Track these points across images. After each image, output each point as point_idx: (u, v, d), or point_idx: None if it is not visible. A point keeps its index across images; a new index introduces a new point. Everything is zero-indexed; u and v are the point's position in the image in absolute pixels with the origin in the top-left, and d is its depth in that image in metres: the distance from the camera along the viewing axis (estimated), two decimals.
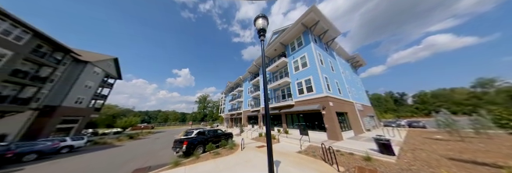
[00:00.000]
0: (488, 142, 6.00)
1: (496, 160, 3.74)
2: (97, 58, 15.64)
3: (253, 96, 17.07)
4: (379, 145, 4.58)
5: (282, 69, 13.06)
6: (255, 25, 2.65)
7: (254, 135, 10.30)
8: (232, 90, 27.74)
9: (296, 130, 9.17)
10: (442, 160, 3.94)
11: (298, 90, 10.03)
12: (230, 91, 28.74)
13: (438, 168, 3.35)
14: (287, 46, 12.85)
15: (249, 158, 5.09)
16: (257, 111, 15.08)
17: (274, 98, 12.55)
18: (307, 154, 5.07)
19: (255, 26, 2.66)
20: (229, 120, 24.60)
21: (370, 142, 5.92)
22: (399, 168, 3.44)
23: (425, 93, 42.26)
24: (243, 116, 19.17)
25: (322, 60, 10.30)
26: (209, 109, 59.15)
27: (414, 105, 42.32)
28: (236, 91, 23.94)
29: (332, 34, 11.76)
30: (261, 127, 13.06)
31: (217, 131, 8.39)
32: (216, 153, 5.86)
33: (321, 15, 9.81)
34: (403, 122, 16.09)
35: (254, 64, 17.28)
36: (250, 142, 8.12)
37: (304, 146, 6.05)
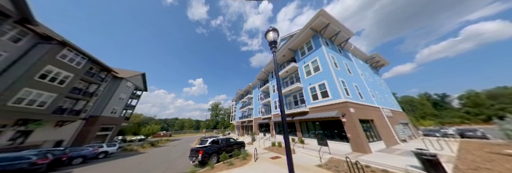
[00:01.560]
0: None
1: None
2: (129, 74, 18.59)
3: (263, 103, 16.85)
4: (422, 161, 3.73)
5: (293, 74, 12.83)
6: (266, 38, 2.82)
7: (267, 145, 9.76)
8: (243, 97, 28.11)
9: (312, 140, 8.36)
10: None
11: (312, 95, 9.51)
12: (240, 98, 29.15)
13: None
14: (296, 51, 12.83)
15: (263, 171, 4.78)
16: (268, 119, 14.61)
17: (285, 105, 12.09)
18: (328, 169, 4.44)
19: (266, 39, 2.83)
20: (241, 127, 24.30)
21: (408, 157, 4.88)
22: None
23: (477, 93, 33.90)
24: (254, 123, 18.76)
25: (336, 63, 9.76)
26: (221, 116, 60.28)
27: (462, 109, 33.88)
28: (246, 98, 24.14)
29: (344, 35, 11.24)
30: (274, 135, 12.40)
31: (229, 139, 8.30)
32: (230, 163, 5.70)
33: (330, 18, 9.63)
34: (450, 131, 12.89)
35: (263, 71, 17.53)
36: (263, 153, 7.68)
37: (324, 159, 5.37)
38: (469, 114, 32.09)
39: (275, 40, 2.73)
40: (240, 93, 29.63)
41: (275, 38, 2.72)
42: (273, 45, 2.71)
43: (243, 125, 22.81)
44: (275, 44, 2.72)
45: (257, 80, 20.83)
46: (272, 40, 2.70)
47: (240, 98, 29.65)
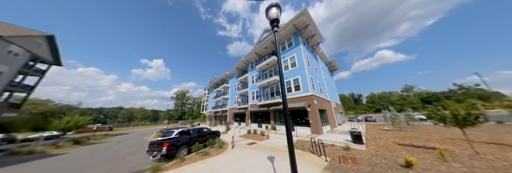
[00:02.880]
0: (415, 131, 8.33)
1: (424, 144, 5.29)
2: (17, 32, 11.23)
3: (240, 93, 16.88)
4: (353, 136, 5.56)
5: (272, 68, 13.41)
6: (267, 14, 2.48)
7: (242, 133, 10.37)
8: (217, 86, 26.49)
9: (282, 126, 9.84)
10: (394, 145, 5.24)
11: (287, 88, 10.64)
12: (215, 87, 27.36)
13: (395, 152, 4.45)
14: (279, 45, 13.18)
15: (242, 156, 5.06)
16: (244, 109, 15.11)
17: (263, 96, 12.85)
18: (296, 148, 5.58)
19: (267, 17, 2.49)
20: (213, 118, 23.63)
21: (344, 135, 7.09)
22: (369, 154, 4.33)
23: (374, 94, 54.55)
24: (228, 113, 18.80)
25: (309, 62, 11.22)
26: (189, 106, 54.52)
27: (366, 104, 53.28)
28: (221, 88, 22.98)
29: (317, 39, 12.90)
30: (249, 124, 13.26)
31: (203, 129, 7.93)
32: (205, 153, 5.51)
33: (310, 20, 10.50)
34: (360, 117, 19.83)
35: (243, 60, 16.90)
36: (240, 140, 8.08)
37: None
38: (369, 107, 50.73)
39: (278, 19, 2.42)
40: (214, 81, 27.50)
41: (277, 16, 2.40)
42: (275, 24, 2.42)
43: (217, 115, 22.21)
44: (277, 22, 2.43)
45: (235, 69, 19.96)
46: (274, 18, 2.39)
47: (215, 87, 27.76)
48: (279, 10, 2.48)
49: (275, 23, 2.45)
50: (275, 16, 2.42)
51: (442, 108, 4.84)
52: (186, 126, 18.40)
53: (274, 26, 2.46)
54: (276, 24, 2.46)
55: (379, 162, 3.74)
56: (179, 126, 16.84)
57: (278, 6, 2.48)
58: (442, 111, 4.70)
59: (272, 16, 2.44)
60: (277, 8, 2.46)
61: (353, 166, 3.62)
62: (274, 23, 2.45)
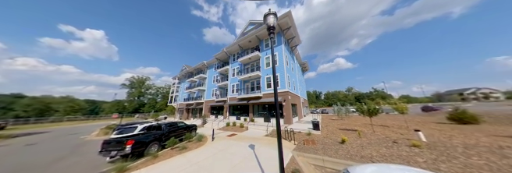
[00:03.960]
0: (349, 120, 11.80)
1: (352, 128, 7.78)
2: None
3: (219, 85, 16.26)
4: (313, 125, 7.22)
5: (255, 63, 13.62)
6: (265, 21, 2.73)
7: (221, 126, 10.51)
8: (191, 75, 23.85)
9: (260, 118, 10.84)
10: (337, 130, 7.36)
11: (266, 84, 11.42)
12: (188, 77, 24.46)
13: (336, 134, 6.34)
14: (262, 41, 13.31)
15: (224, 147, 5.31)
16: (222, 102, 14.93)
17: (243, 89, 13.14)
18: (272, 136, 6.56)
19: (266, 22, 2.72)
20: (185, 111, 21.72)
21: (307, 124, 8.95)
22: (322, 137, 5.95)
23: (329, 92, 70.05)
24: (204, 106, 17.92)
25: (288, 61, 12.38)
26: (150, 97, 45.96)
27: (324, 100, 67.19)
28: (196, 78, 20.94)
29: (296, 41, 14.18)
30: (227, 117, 13.46)
31: (177, 124, 7.43)
32: (182, 147, 5.32)
33: (292, 23, 11.29)
34: (318, 110, 25.26)
35: (225, 51, 15.90)
36: (219, 133, 8.24)
37: (268, 131, 7.61)
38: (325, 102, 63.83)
39: (274, 26, 2.72)
40: (187, 70, 24.38)
41: (274, 24, 2.68)
42: (272, 31, 2.71)
43: (190, 107, 20.50)
44: (273, 29, 2.72)
45: (214, 60, 18.50)
46: (272, 26, 2.68)
47: (188, 77, 24.76)
48: (275, 18, 2.72)
49: (272, 30, 2.72)
50: (272, 24, 2.67)
51: (364, 104, 7.22)
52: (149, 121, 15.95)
53: (270, 32, 2.73)
54: (273, 31, 2.74)
55: (328, 141, 5.28)
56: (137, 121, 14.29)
57: (275, 14, 2.71)
58: (363, 106, 7.06)
59: (269, 24, 2.68)
60: (274, 16, 2.69)
61: (312, 146, 4.92)
62: (271, 30, 2.72)
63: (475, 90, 46.11)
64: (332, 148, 4.58)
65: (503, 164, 2.99)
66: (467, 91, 46.50)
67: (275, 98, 2.37)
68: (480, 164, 3.03)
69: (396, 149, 4.20)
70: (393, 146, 4.42)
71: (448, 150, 3.88)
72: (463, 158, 3.36)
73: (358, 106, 7.29)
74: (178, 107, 24.69)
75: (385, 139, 5.23)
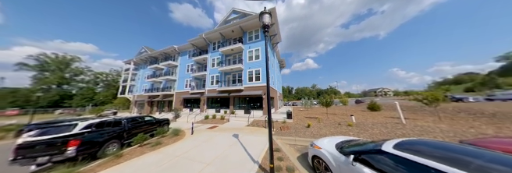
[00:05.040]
0: (312, 110, 14.79)
1: (314, 116, 9.99)
2: None
3: (195, 75, 14.71)
4: (287, 115, 8.61)
5: (237, 55, 13.26)
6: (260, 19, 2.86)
7: (198, 119, 9.99)
8: (156, 61, 19.69)
9: (240, 111, 11.27)
10: (304, 118, 9.22)
11: (249, 77, 11.69)
12: (151, 63, 19.97)
13: (304, 121, 7.98)
14: (245, 33, 12.94)
15: (206, 139, 5.28)
16: (199, 94, 13.85)
17: (224, 82, 12.74)
18: (253, 126, 7.25)
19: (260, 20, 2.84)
20: (147, 103, 18.25)
21: (282, 114, 10.44)
22: (294, 123, 7.34)
23: (299, 88, 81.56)
24: (175, 99, 15.84)
25: (269, 57, 13.02)
26: (82, 85, 33.68)
27: (294, 94, 77.41)
28: (163, 65, 17.60)
29: (277, 39, 14.83)
30: (205, 111, 12.84)
31: (144, 118, 6.52)
32: (156, 143, 4.80)
33: (276, 20, 11.54)
34: (290, 103, 29.66)
35: (204, 37, 14.11)
36: (197, 126, 7.94)
37: (249, 122, 8.25)
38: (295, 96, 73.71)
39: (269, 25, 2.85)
40: (149, 54, 19.74)
41: (268, 23, 2.81)
42: (266, 29, 2.85)
43: (154, 100, 17.33)
44: (268, 28, 2.88)
45: (189, 45, 16.04)
46: (266, 24, 2.81)
47: (151, 63, 20.15)
48: (270, 17, 2.88)
49: (267, 29, 2.90)
50: (266, 23, 2.83)
51: (323, 98, 9.45)
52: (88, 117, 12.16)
53: (265, 31, 2.91)
54: (267, 30, 2.92)
55: (298, 126, 6.65)
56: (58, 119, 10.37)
57: (270, 13, 2.87)
58: (323, 100, 9.26)
59: (264, 22, 2.83)
60: (268, 15, 2.84)
61: (286, 131, 6.05)
62: (265, 29, 2.89)
63: (381, 89, 71.48)
64: (301, 131, 5.89)
65: (386, 131, 5.26)
66: (377, 90, 72.40)
67: (267, 91, 2.79)
68: (376, 132, 5.22)
69: (340, 128, 6.06)
70: (338, 127, 6.31)
71: (364, 126, 6.11)
72: (370, 130, 5.51)
73: (320, 99, 9.41)
74: (136, 100, 20.23)
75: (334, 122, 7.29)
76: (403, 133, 4.95)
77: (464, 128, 5.56)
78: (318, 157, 2.51)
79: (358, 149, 2.06)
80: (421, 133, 4.81)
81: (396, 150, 1.59)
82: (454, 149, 1.50)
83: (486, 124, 6.18)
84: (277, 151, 3.86)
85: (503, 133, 4.81)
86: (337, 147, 2.40)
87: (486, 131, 5.08)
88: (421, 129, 5.20)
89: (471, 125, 6.04)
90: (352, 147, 2.22)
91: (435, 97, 7.35)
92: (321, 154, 2.43)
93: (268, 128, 2.67)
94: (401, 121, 6.42)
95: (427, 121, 6.92)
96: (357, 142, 2.49)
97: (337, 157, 2.14)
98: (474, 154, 1.34)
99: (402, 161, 1.44)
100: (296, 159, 3.53)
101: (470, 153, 1.38)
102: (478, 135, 4.44)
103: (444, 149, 1.50)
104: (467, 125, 6.06)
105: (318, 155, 2.49)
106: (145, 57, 20.29)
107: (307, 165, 3.10)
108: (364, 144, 2.21)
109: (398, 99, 27.06)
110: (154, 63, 19.21)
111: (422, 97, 7.67)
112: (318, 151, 2.53)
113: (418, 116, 8.75)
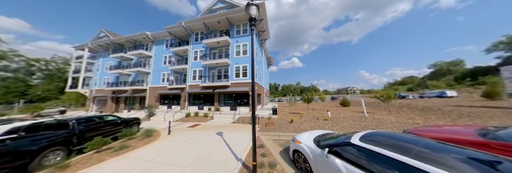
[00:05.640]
0: (295, 106, 15.87)
1: (297, 111, 10.74)
2: None
3: (174, 69, 13.13)
4: (273, 111, 8.91)
5: (224, 49, 12.45)
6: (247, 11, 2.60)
7: (178, 117, 9.07)
8: (122, 49, 16.46)
9: (226, 107, 10.91)
10: (288, 113, 9.77)
11: (235, 73, 11.28)
12: (115, 51, 16.51)
13: (288, 116, 8.46)
14: (233, 26, 12.15)
15: (187, 138, 4.87)
16: (179, 89, 12.53)
17: (208, 77, 11.87)
18: (239, 123, 7.18)
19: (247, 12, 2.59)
20: (111, 100, 15.36)
21: (268, 110, 10.72)
22: (278, 119, 7.68)
23: (285, 85, 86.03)
24: (149, 94, 13.88)
25: (257, 53, 12.83)
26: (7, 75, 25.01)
27: (280, 91, 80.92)
28: (132, 54, 14.89)
29: (265, 35, 14.73)
30: (187, 108, 11.80)
31: (103, 117, 5.49)
32: (122, 147, 4.06)
33: (265, 15, 11.32)
34: (276, 99, 31.62)
35: (184, 25, 12.47)
36: (177, 124, 7.28)
37: (235, 119, 8.11)
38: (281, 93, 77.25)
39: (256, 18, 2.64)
40: (111, 40, 16.20)
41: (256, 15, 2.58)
42: (253, 22, 2.63)
43: (120, 95, 14.69)
44: (255, 21, 2.68)
45: (166, 33, 13.93)
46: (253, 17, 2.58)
47: (115, 51, 16.63)
48: (257, 10, 2.62)
49: (253, 22, 2.66)
50: (254, 16, 2.60)
51: (305, 95, 10.22)
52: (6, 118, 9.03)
53: (252, 24, 2.67)
54: (254, 23, 2.68)
55: (282, 122, 7.00)
56: None
57: (257, 6, 2.61)
58: (305, 96, 10.00)
59: (250, 14, 2.59)
60: (256, 8, 2.59)
61: (271, 127, 6.27)
62: (252, 22, 2.65)
63: (351, 88, 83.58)
64: (285, 126, 6.22)
65: (353, 123, 6.20)
66: (348, 88, 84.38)
67: (252, 87, 2.70)
68: (346, 125, 6.07)
69: (318, 122, 6.73)
70: (317, 121, 6.99)
71: (337, 120, 7.00)
72: (342, 123, 6.36)
73: (302, 96, 10.11)
74: (95, 96, 16.70)
75: (314, 117, 8.04)
76: (365, 125, 5.91)
77: (405, 119, 7.09)
78: (298, 151, 2.66)
79: (332, 142, 2.23)
80: (378, 124, 5.87)
81: (361, 141, 1.79)
82: (400, 138, 1.82)
83: (418, 115, 8.08)
84: (261, 147, 3.92)
85: (428, 122, 6.39)
86: (315, 141, 2.59)
87: (418, 121, 6.61)
88: (377, 121, 6.32)
89: (409, 117, 7.77)
90: (327, 141, 2.43)
91: (388, 95, 9.03)
92: (301, 148, 2.58)
93: (252, 126, 2.61)
94: (364, 115, 7.63)
95: (381, 115, 8.49)
96: (331, 136, 2.72)
97: (314, 150, 2.30)
98: (413, 142, 1.66)
99: (365, 151, 1.65)
100: (278, 154, 3.66)
101: (410, 141, 1.71)
102: (414, 124, 5.75)
103: (393, 138, 1.81)
104: (407, 117, 7.77)
105: (299, 149, 2.64)
106: (106, 43, 16.52)
107: (288, 159, 3.26)
108: (336, 137, 2.42)
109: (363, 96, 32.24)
110: (119, 51, 15.97)
111: (379, 95, 9.26)
112: (298, 146, 2.68)
113: (376, 110, 10.64)
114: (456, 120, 6.63)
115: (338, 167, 1.74)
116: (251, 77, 2.75)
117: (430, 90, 25.41)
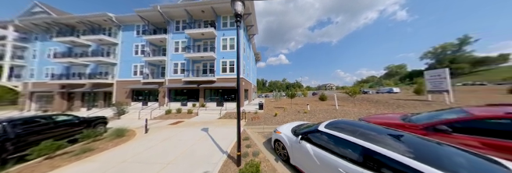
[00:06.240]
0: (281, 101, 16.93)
1: (282, 106, 11.54)
2: None
3: (149, 60, 11.48)
4: (259, 106, 9.29)
5: (209, 41, 11.64)
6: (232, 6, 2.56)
7: (156, 115, 8.26)
8: (71, 32, 13.08)
9: (211, 103, 10.56)
10: (273, 108, 10.38)
11: (222, 68, 10.88)
12: (59, 33, 12.86)
13: (273, 111, 9.00)
14: (219, 18, 11.37)
15: (167, 136, 4.51)
16: (157, 84, 11.18)
17: (192, 71, 11.01)
18: (225, 118, 7.19)
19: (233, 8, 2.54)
20: (59, 96, 12.26)
21: (255, 105, 11.06)
22: (264, 113, 8.11)
23: (271, 81, 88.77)
24: (117, 89, 11.80)
25: (245, 49, 12.62)
26: None
27: (267, 86, 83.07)
28: (88, 39, 12.06)
29: (253, 30, 14.52)
30: (166, 104, 10.73)
31: (54, 117, 4.56)
32: (84, 150, 3.51)
33: (253, 10, 11.01)
34: (263, 95, 31.69)
35: (160, 11, 10.77)
36: (155, 122, 6.69)
37: (222, 114, 8.04)
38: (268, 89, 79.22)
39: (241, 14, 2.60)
40: (53, 18, 12.52)
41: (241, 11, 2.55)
42: (239, 19, 2.60)
43: (74, 90, 11.85)
44: (240, 17, 2.62)
45: (136, 17, 11.75)
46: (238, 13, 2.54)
47: (58, 33, 12.90)
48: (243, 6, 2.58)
49: (239, 18, 2.64)
50: (239, 12, 2.56)
51: (289, 91, 11.05)
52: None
53: (237, 20, 2.65)
54: (240, 19, 2.66)
55: (267, 116, 7.46)
56: None
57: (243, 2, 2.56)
58: (289, 92, 10.82)
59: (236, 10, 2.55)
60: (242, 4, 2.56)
61: (257, 120, 6.62)
62: (238, 18, 2.62)
63: (329, 85, 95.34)
64: (269, 119, 6.68)
65: (327, 115, 7.27)
66: (326, 85, 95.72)
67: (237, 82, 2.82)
68: (321, 116, 7.06)
69: (299, 115, 7.52)
70: (298, 114, 7.78)
71: (315, 112, 8.00)
72: (318, 115, 7.34)
73: (287, 92, 10.84)
74: (33, 91, 12.93)
75: (295, 111, 8.86)
76: (335, 116, 7.01)
77: (364, 110, 8.74)
78: (278, 140, 3.01)
79: (305, 130, 2.53)
80: (345, 115, 7.08)
81: (326, 128, 2.13)
82: (356, 124, 2.27)
83: (373, 107, 10.10)
84: (246, 140, 4.13)
85: (378, 112, 8.10)
86: (292, 131, 2.98)
87: (372, 111, 8.28)
88: (345, 112, 7.59)
89: (367, 108, 9.62)
90: (301, 130, 2.84)
91: (354, 91, 10.90)
92: (280, 138, 2.91)
93: (237, 118, 2.76)
94: (336, 108, 8.96)
95: (349, 107, 10.18)
96: (306, 125, 3.15)
97: (291, 138, 2.61)
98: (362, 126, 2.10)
99: (327, 136, 2.01)
100: (262, 144, 3.93)
101: (360, 125, 2.16)
102: (368, 114, 7.22)
103: (351, 125, 2.24)
104: (365, 108, 9.61)
105: (279, 139, 2.98)
106: (46, 22, 12.57)
107: (270, 148, 3.57)
108: (309, 126, 2.86)
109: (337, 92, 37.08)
110: (69, 34, 12.57)
111: (348, 91, 11.08)
112: (278, 135, 3.03)
113: (345, 103, 12.62)
114: (395, 109, 8.67)
115: (307, 150, 2.11)
116: (237, 72, 2.76)
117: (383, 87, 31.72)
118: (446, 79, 8.99)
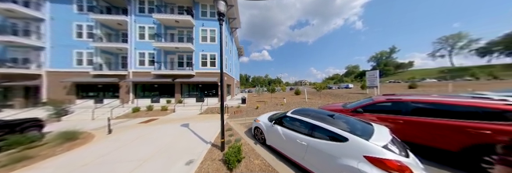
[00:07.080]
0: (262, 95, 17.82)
1: (263, 100, 12.31)
2: None
3: (102, 47, 9.14)
4: (242, 100, 9.58)
5: (185, 30, 10.44)
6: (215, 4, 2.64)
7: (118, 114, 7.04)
8: None
9: (190, 99, 9.85)
10: (255, 102, 10.94)
11: (202, 61, 10.20)
12: None
13: (254, 104, 9.54)
14: (198, 5, 10.27)
15: (140, 134, 4.13)
16: (116, 77, 9.16)
17: (165, 63, 9.68)
18: (207, 113, 7.07)
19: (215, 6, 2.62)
20: None
21: (238, 100, 11.23)
22: (246, 107, 8.51)
23: (255, 76, 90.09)
24: (48, 82, 8.77)
25: (227, 42, 12.20)
26: None
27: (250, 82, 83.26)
28: None
29: (236, 24, 14.04)
30: (133, 101, 9.06)
31: None
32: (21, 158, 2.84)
33: (236, 2, 10.42)
34: (246, 90, 31.79)
35: None
36: (120, 122, 5.83)
37: (203, 110, 7.78)
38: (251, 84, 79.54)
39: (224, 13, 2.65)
40: None
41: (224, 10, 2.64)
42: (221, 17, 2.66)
43: None
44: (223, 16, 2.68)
45: None
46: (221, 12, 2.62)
47: None
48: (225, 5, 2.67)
49: (221, 17, 2.69)
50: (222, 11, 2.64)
51: (270, 86, 11.93)
52: None
53: (220, 19, 2.70)
54: (222, 18, 2.70)
55: (249, 109, 7.93)
56: None
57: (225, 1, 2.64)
58: (270, 87, 11.71)
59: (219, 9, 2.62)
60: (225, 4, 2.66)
61: (239, 114, 6.97)
62: (220, 16, 2.67)
63: (304, 81, 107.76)
64: (251, 112, 7.19)
65: (298, 105, 8.49)
66: (302, 81, 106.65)
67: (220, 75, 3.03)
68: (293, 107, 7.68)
69: (277, 107, 8.42)
70: (276, 106, 8.69)
71: (289, 104, 9.18)
72: (292, 106, 8.44)
73: (268, 87, 11.62)
74: None
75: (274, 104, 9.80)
76: (304, 106, 8.32)
77: (326, 101, 10.80)
78: (258, 127, 3.61)
79: (277, 117, 3.21)
80: (311, 105, 8.54)
81: (291, 114, 2.82)
82: (311, 110, 3.00)
83: (332, 99, 12.56)
84: (229, 130, 4.45)
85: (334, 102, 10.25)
86: (268, 119, 3.63)
87: (330, 102, 10.40)
88: (311, 103, 9.14)
89: (328, 100, 11.88)
90: (275, 116, 3.57)
91: (321, 87, 13.09)
92: (259, 125, 3.51)
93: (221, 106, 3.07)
94: (305, 100, 10.55)
95: (315, 99, 12.20)
96: (279, 114, 3.90)
97: (267, 124, 3.21)
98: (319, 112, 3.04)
99: (294, 119, 2.64)
100: (243, 133, 4.34)
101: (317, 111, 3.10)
102: (328, 103, 9.06)
103: (313, 111, 2.91)
104: (327, 100, 11.85)
105: (258, 126, 3.57)
106: None
107: (250, 135, 4.04)
108: (281, 114, 3.61)
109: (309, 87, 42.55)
110: None
111: (316, 86, 13.20)
112: (258, 123, 3.62)
113: (313, 97, 14.92)
114: (346, 100, 11.22)
115: (278, 131, 2.77)
116: (220, 67, 2.93)
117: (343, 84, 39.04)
118: (377, 77, 12.24)
